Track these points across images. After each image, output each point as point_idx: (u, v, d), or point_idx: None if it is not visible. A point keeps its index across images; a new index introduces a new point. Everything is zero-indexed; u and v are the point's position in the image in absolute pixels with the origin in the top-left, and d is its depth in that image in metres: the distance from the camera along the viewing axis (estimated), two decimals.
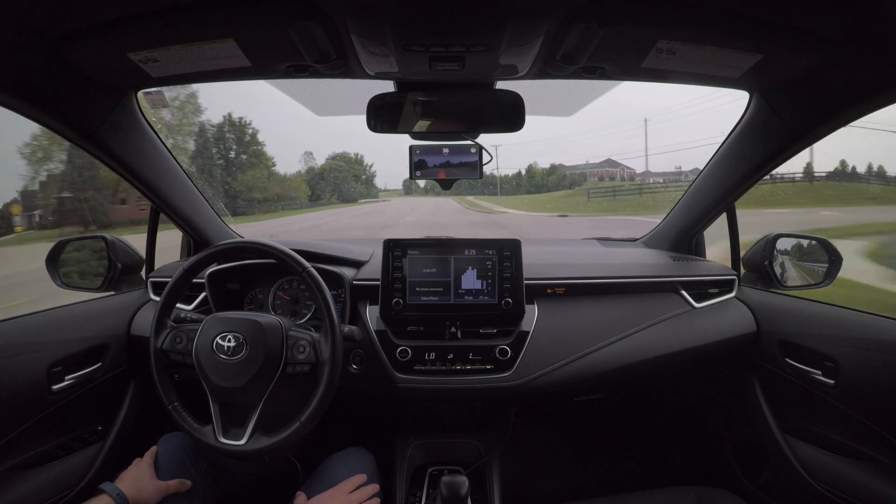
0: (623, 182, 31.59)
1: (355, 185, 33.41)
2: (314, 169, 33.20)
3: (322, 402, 0.87)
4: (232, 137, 22.93)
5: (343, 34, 0.75)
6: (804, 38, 0.74)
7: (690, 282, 1.24)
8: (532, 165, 41.33)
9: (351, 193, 31.83)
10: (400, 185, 40.34)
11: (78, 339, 1.10)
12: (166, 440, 1.00)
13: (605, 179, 34.41)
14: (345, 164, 33.95)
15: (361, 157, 37.20)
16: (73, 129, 0.96)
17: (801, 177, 12.16)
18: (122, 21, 0.71)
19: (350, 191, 32.22)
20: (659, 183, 25.14)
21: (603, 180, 33.89)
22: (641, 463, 1.64)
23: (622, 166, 37.47)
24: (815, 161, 12.27)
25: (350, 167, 34.12)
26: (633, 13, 0.72)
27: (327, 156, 41.95)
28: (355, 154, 38.14)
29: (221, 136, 22.77)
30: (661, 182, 25.43)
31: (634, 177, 33.84)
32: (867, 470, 0.95)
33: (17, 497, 0.95)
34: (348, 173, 33.34)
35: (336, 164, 33.51)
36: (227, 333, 0.86)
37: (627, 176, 34.75)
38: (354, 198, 31.01)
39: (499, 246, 1.12)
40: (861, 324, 1.00)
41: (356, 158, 35.69)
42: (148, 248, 1.39)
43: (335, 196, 30.40)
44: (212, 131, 22.18)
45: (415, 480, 1.27)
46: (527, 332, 1.10)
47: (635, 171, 35.47)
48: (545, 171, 38.27)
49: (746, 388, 1.23)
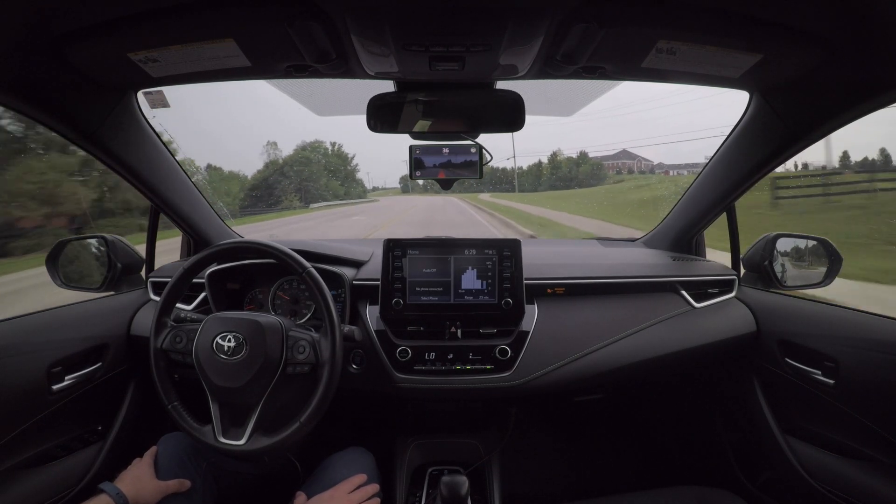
0: (648, 174, 26.00)
1: (330, 182, 26.01)
2: (277, 162, 26.40)
3: (322, 402, 0.87)
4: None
5: (343, 34, 0.75)
6: (804, 38, 0.74)
7: (690, 282, 1.24)
8: (556, 154, 32.19)
9: (321, 192, 24.15)
10: (397, 183, 34.79)
11: (78, 339, 1.10)
12: (166, 440, 1.00)
13: (624, 172, 29.05)
14: (318, 155, 27.33)
15: (340, 146, 29.78)
16: (74, 128, 0.96)
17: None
18: (122, 21, 0.71)
19: (320, 189, 24.52)
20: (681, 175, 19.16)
21: (621, 172, 28.96)
22: (641, 463, 1.64)
23: (639, 158, 31.87)
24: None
25: (327, 160, 27.47)
26: (633, 13, 0.72)
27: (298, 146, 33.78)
28: (333, 144, 30.35)
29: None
30: (683, 174, 19.60)
31: (654, 168, 28.06)
32: (867, 470, 0.94)
33: (17, 497, 0.95)
34: (319, 167, 26.52)
35: (303, 156, 26.73)
36: (227, 333, 0.87)
37: (646, 168, 29.25)
38: (325, 197, 23.46)
39: (499, 246, 1.12)
40: (861, 324, 1.00)
41: (335, 150, 28.73)
42: (148, 248, 1.39)
43: (298, 197, 23.00)
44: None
45: (415, 480, 1.27)
46: (527, 332, 1.10)
47: (653, 163, 29.76)
48: (572, 160, 29.75)
49: (746, 388, 1.23)
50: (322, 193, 24.09)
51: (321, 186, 24.95)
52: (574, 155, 31.80)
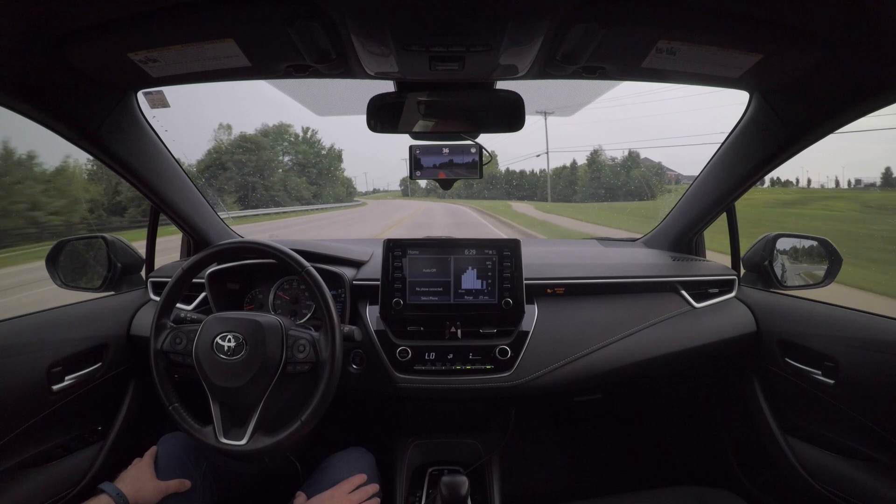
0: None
1: (290, 179, 18.79)
2: (221, 149, 18.64)
3: (322, 400, 0.87)
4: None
5: (343, 34, 0.75)
6: (804, 38, 0.74)
7: (690, 282, 1.24)
8: (597, 152, 24.01)
9: (275, 193, 17.64)
10: (398, 186, 29.67)
11: (78, 339, 1.10)
12: (166, 440, 1.00)
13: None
14: (283, 143, 20.02)
15: (314, 132, 22.33)
16: (74, 128, 0.96)
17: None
18: (122, 21, 0.71)
19: (274, 188, 17.79)
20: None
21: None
22: (641, 463, 1.64)
23: (665, 169, 24.08)
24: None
25: (296, 150, 20.40)
26: (633, 13, 0.72)
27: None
28: (305, 129, 22.13)
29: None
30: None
31: (680, 179, 18.01)
32: (867, 470, 0.94)
33: (17, 497, 0.95)
34: (274, 157, 18.94)
35: (251, 141, 18.36)
36: (227, 333, 0.87)
37: (673, 178, 20.16)
38: (279, 199, 17.41)
39: (499, 246, 1.12)
40: (861, 324, 1.00)
41: (305, 137, 21.56)
42: (148, 248, 1.39)
43: (238, 202, 16.31)
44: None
45: (415, 480, 1.27)
46: (527, 332, 1.10)
47: (680, 174, 19.69)
48: (619, 163, 23.05)
49: (746, 388, 1.23)
50: (276, 194, 17.59)
51: (275, 184, 17.95)
52: (617, 156, 24.07)
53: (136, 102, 1.06)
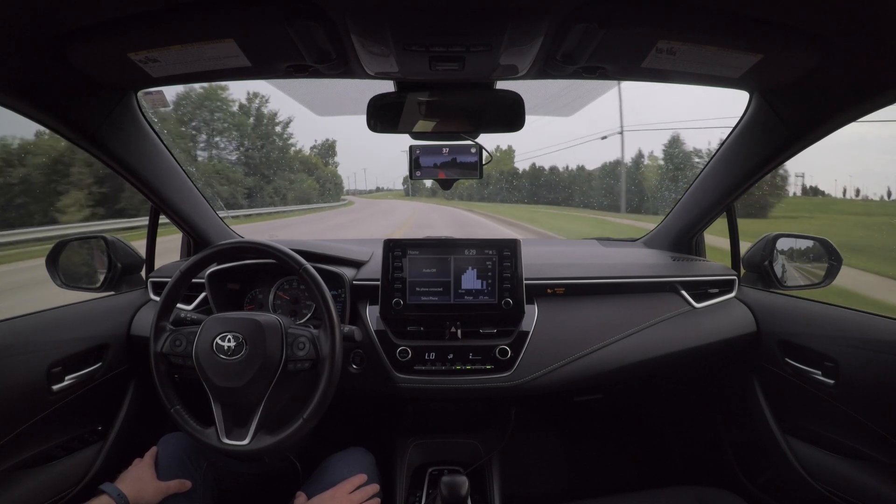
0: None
1: (227, 169, 12.44)
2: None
3: (323, 398, 0.87)
4: None
5: (343, 34, 0.75)
6: (804, 38, 0.74)
7: (690, 282, 1.24)
8: (676, 140, 16.17)
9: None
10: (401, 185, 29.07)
11: (78, 339, 1.10)
12: (166, 440, 1.00)
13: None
14: (205, 112, 13.21)
15: (266, 99, 15.16)
16: (74, 129, 0.96)
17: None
18: (122, 21, 0.71)
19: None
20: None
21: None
22: (641, 463, 1.64)
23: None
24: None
25: (232, 121, 13.62)
26: (633, 13, 0.72)
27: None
28: (252, 95, 15.67)
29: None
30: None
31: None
32: (867, 470, 0.95)
33: (17, 497, 0.95)
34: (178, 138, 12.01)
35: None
36: (227, 334, 0.87)
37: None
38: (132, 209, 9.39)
39: (499, 246, 1.12)
40: (861, 324, 1.00)
41: (249, 107, 14.67)
42: (148, 248, 1.39)
43: (85, 199, 9.97)
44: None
45: (415, 480, 1.27)
46: (527, 332, 1.10)
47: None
48: (661, 168, 17.17)
49: (746, 388, 1.23)
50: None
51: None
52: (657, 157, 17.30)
53: (137, 102, 1.06)
